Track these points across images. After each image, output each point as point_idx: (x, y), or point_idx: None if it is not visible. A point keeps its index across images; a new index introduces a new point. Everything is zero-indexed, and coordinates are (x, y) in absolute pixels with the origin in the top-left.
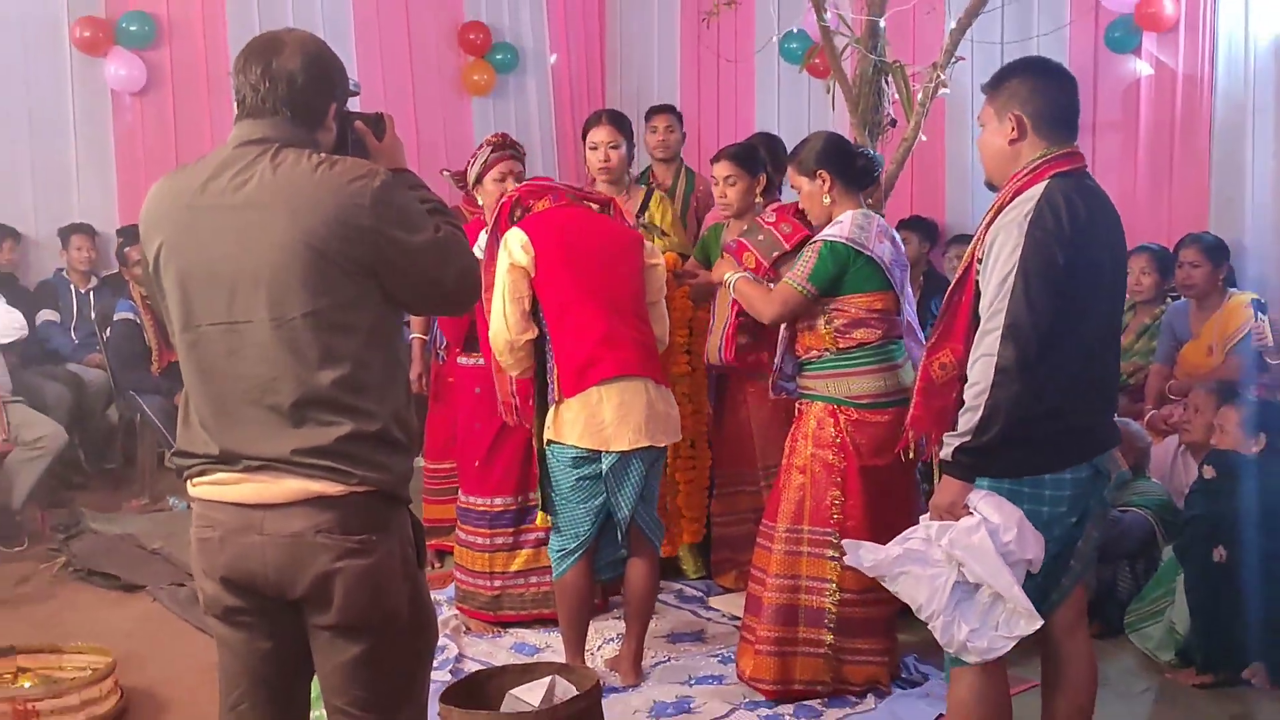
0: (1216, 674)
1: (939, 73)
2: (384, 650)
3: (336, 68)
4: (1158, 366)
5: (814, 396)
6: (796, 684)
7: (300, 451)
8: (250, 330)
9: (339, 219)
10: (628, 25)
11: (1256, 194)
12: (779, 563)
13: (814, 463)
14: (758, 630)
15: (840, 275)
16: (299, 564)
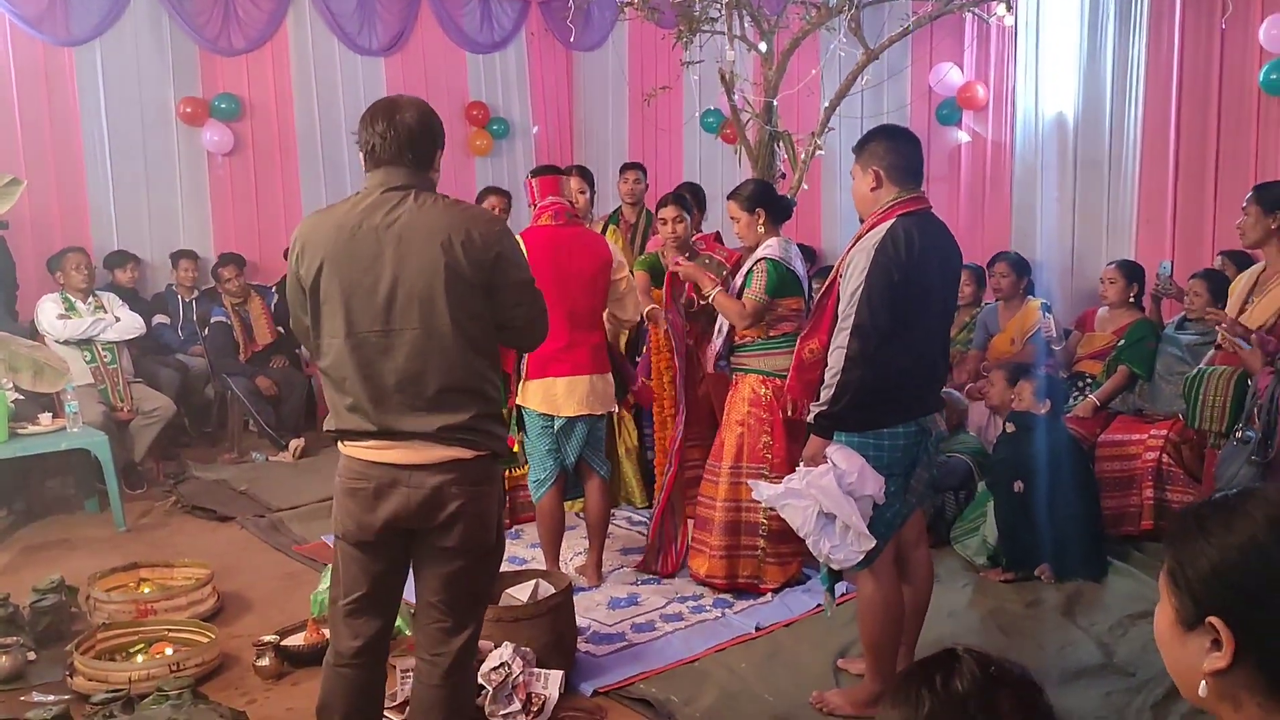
0: (1017, 572)
1: (816, 139)
2: (478, 565)
3: (439, 123)
4: (974, 352)
5: (749, 370)
6: (740, 578)
7: (445, 428)
8: (404, 335)
9: (472, 248)
10: (590, 103)
11: (1044, 227)
12: (725, 491)
13: (750, 417)
14: (710, 541)
15: (779, 284)
16: (438, 507)
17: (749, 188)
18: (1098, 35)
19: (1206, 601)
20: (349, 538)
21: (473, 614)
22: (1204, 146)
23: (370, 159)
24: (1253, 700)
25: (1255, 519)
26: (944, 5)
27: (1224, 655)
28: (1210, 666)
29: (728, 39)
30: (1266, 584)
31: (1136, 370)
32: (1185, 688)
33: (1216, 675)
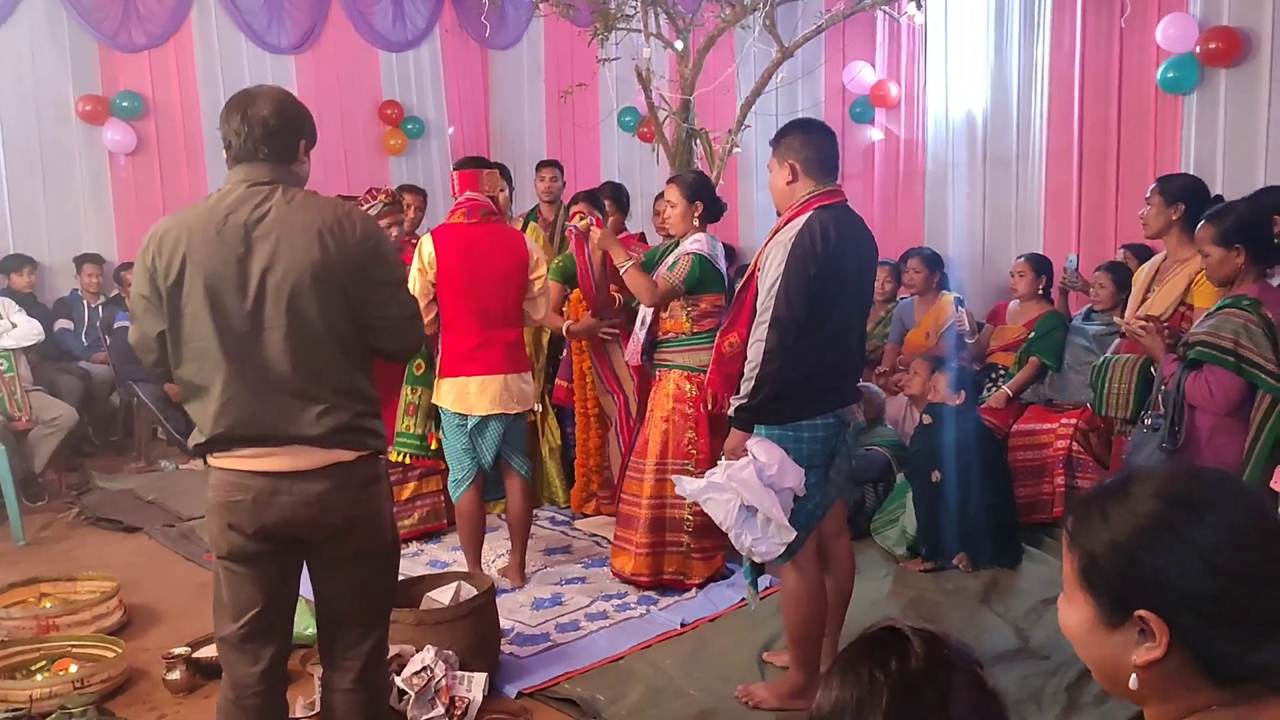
0: (935, 561)
1: (733, 137)
2: (379, 569)
3: (302, 111)
4: (891, 346)
5: (673, 366)
6: (666, 575)
7: (324, 430)
8: (274, 334)
9: (343, 245)
10: (506, 101)
11: (955, 223)
12: (650, 488)
13: (674, 414)
14: (635, 539)
15: (702, 279)
16: (326, 515)
17: (692, 176)
18: (1003, 35)
19: (1131, 596)
20: (234, 556)
21: (381, 617)
22: (1106, 143)
23: (230, 155)
24: (1183, 685)
25: (1156, 503)
26: (856, 3)
27: (1159, 645)
28: (1145, 659)
29: (644, 36)
30: (1188, 566)
31: (1046, 361)
32: (1112, 682)
33: (1148, 666)
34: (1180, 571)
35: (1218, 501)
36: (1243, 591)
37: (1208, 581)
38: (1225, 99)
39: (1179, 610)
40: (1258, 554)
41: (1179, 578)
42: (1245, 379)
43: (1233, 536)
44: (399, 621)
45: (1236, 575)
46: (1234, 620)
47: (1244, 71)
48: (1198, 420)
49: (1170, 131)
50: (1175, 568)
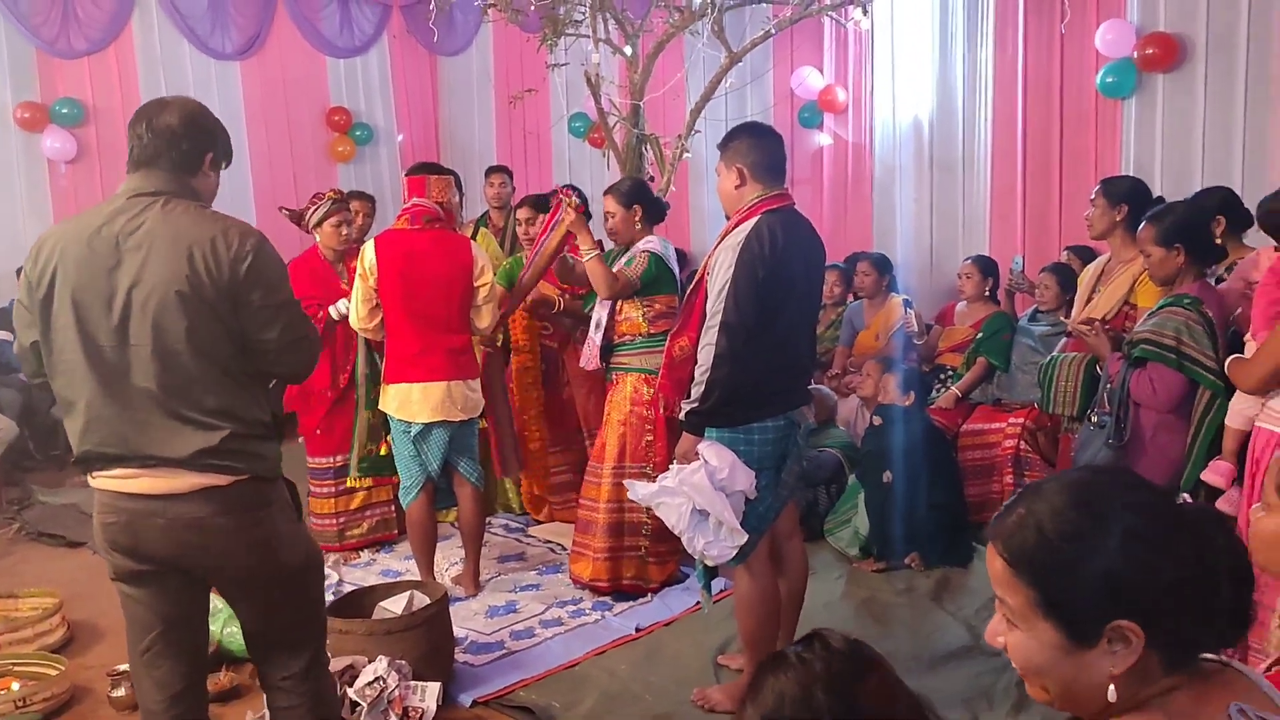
0: (888, 562)
1: (683, 142)
2: (287, 593)
3: (213, 124)
4: (841, 348)
5: (629, 369)
6: (625, 580)
7: (195, 453)
8: (141, 352)
9: (216, 262)
10: (455, 107)
11: (904, 226)
12: (608, 492)
13: (631, 417)
14: (593, 544)
15: (656, 278)
16: (206, 541)
17: (626, 184)
18: (948, 41)
19: (1104, 612)
20: (122, 578)
21: (308, 634)
22: (1048, 147)
23: (130, 161)
24: (1145, 681)
25: (1119, 509)
26: (803, 9)
27: (1136, 647)
28: (1122, 666)
29: (593, 42)
30: (1152, 564)
31: (994, 361)
32: (1082, 701)
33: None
34: (1149, 574)
35: (1153, 499)
36: (1201, 575)
37: (1174, 574)
38: (1162, 103)
39: (1150, 611)
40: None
41: (1146, 574)
42: (1186, 375)
43: (1175, 527)
44: (351, 632)
45: (1199, 561)
46: (1197, 606)
47: (1180, 76)
48: (1142, 418)
49: (1110, 135)
50: (1143, 572)
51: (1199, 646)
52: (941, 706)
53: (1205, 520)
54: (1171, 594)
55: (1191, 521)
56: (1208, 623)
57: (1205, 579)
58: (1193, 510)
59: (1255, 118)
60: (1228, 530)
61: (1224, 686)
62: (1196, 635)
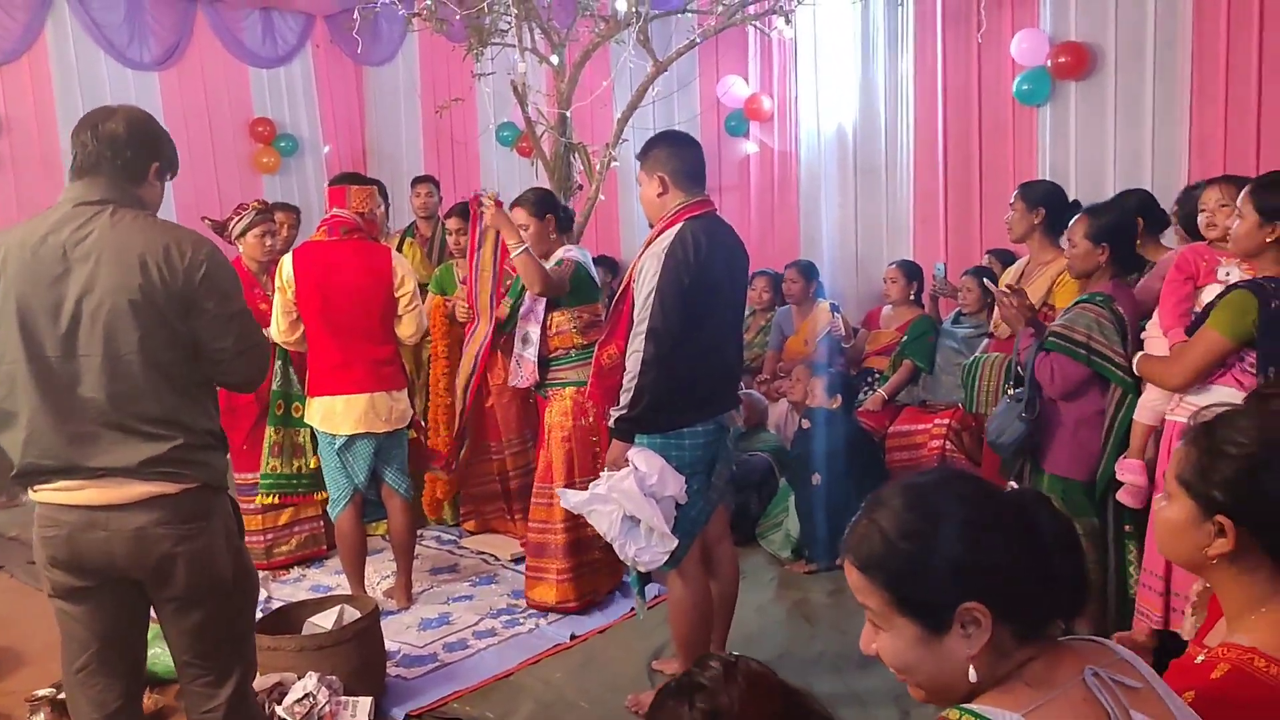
0: (819, 564)
1: (610, 150)
2: (220, 610)
3: (159, 133)
4: (771, 353)
5: (566, 383)
6: (587, 596)
7: (143, 462)
8: (90, 361)
9: (170, 271)
10: (382, 117)
11: (829, 232)
12: (562, 511)
13: (576, 431)
14: (554, 566)
15: (581, 285)
16: (148, 551)
17: (534, 194)
18: (869, 50)
19: (951, 598)
20: (60, 594)
21: (236, 658)
22: (968, 153)
23: (73, 168)
24: (1000, 655)
25: (948, 502)
26: (727, 18)
27: (986, 626)
28: (976, 646)
29: (519, 51)
30: (985, 546)
31: (919, 364)
32: (947, 689)
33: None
34: (984, 555)
35: (977, 490)
36: (1031, 549)
37: (1007, 552)
38: (1076, 110)
39: (992, 589)
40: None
41: (983, 561)
42: (1095, 370)
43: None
44: (279, 649)
45: (1028, 537)
46: (1033, 577)
47: (1092, 84)
48: (1062, 415)
49: (1027, 141)
50: (979, 554)
51: (1044, 616)
52: (872, 703)
53: (1027, 500)
54: (1008, 570)
55: (1014, 503)
56: (1047, 592)
57: (1036, 552)
58: (1014, 494)
59: (1163, 124)
60: (1048, 506)
61: (1079, 654)
62: (1039, 605)
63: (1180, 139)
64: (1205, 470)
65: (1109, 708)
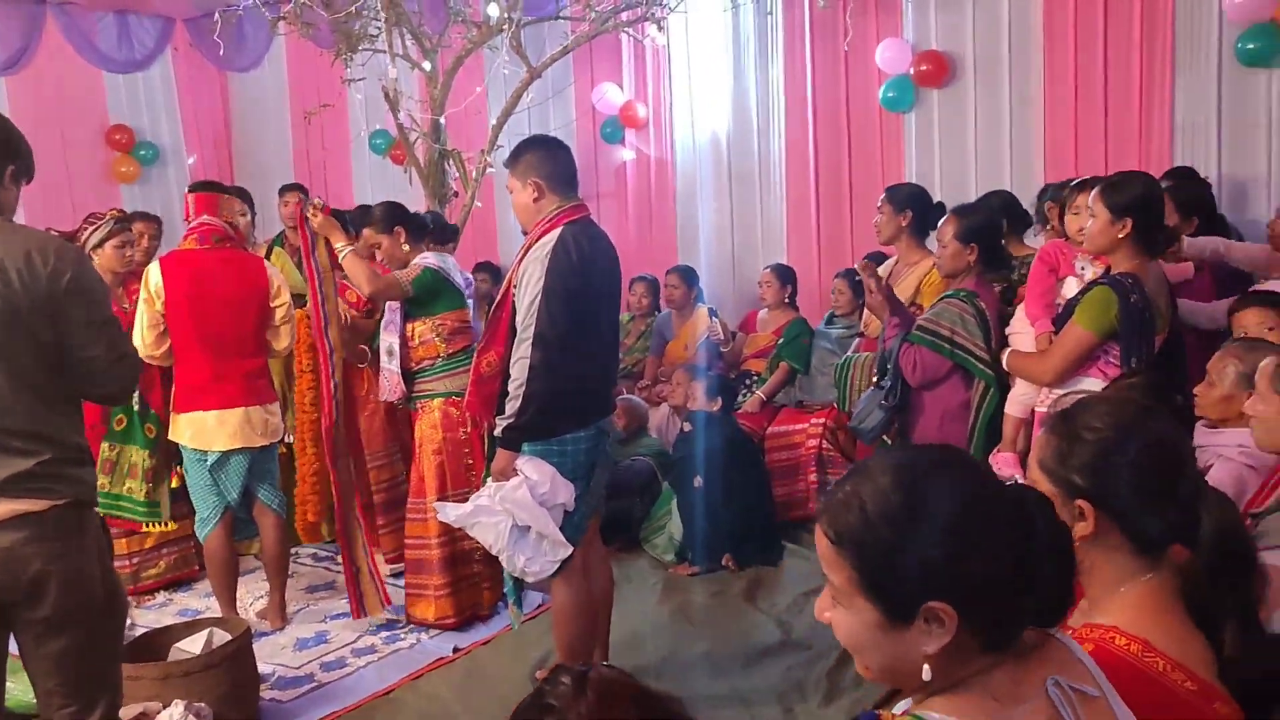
0: (703, 565)
1: (486, 157)
2: (90, 635)
3: (12, 134)
4: (652, 359)
5: (434, 395)
6: (467, 611)
7: (9, 478)
8: None
9: (32, 279)
10: (249, 124)
11: (707, 238)
12: (436, 526)
13: (446, 444)
14: (432, 582)
15: (435, 292)
16: (16, 572)
17: (380, 209)
18: (740, 58)
19: (919, 593)
20: None
21: (102, 686)
22: (838, 159)
23: None
24: (961, 661)
25: (940, 494)
26: (599, 25)
27: (949, 628)
28: (935, 645)
29: (389, 57)
30: (967, 554)
31: (795, 365)
32: (900, 678)
33: (935, 655)
34: (963, 563)
35: (975, 483)
36: (1018, 560)
37: (990, 566)
38: (938, 116)
39: (964, 596)
40: (1008, 525)
41: (966, 559)
42: (958, 364)
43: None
44: (143, 677)
45: (1018, 546)
46: (1012, 591)
47: (953, 92)
48: (927, 409)
49: (894, 147)
50: (958, 561)
51: (1016, 627)
52: (756, 702)
53: (1028, 500)
54: (986, 582)
55: (1013, 502)
56: (1025, 605)
57: (1021, 563)
58: (1015, 491)
59: (1019, 130)
60: (1049, 510)
61: (1043, 661)
62: (1013, 618)
63: (1035, 142)
64: (1065, 456)
65: (1067, 718)
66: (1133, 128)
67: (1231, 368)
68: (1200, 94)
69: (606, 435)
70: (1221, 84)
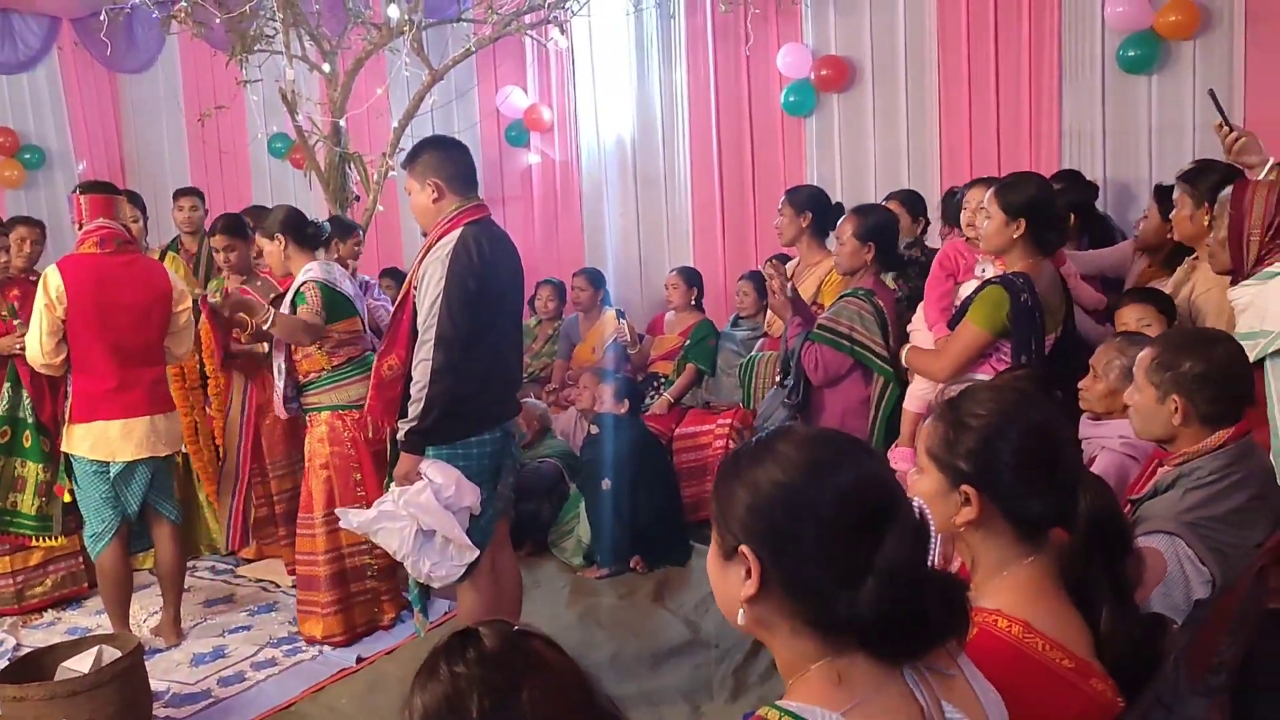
0: (611, 568)
1: (388, 159)
2: None
3: None
4: (559, 362)
5: (321, 408)
6: (359, 627)
7: None
8: None
9: None
10: (142, 127)
11: (613, 241)
12: (324, 542)
13: (334, 458)
14: (320, 600)
15: (332, 306)
16: None
17: (273, 214)
18: (644, 62)
19: (740, 534)
20: None
21: None
22: (742, 162)
23: None
24: (783, 625)
25: (778, 457)
26: (501, 28)
27: (753, 582)
28: (744, 594)
29: (286, 58)
30: (784, 515)
31: (701, 367)
32: (730, 616)
33: (750, 602)
34: (779, 517)
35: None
36: (827, 533)
37: (790, 519)
38: (839, 120)
39: (775, 552)
40: (849, 500)
41: (777, 521)
42: (857, 360)
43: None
44: (26, 698)
45: (819, 515)
46: (822, 561)
47: (852, 96)
48: (829, 406)
49: (796, 150)
50: (775, 513)
51: (830, 606)
52: (664, 702)
53: (885, 516)
54: (797, 556)
55: (862, 509)
56: (841, 580)
57: (848, 563)
58: (878, 504)
59: (916, 134)
60: (907, 538)
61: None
62: (833, 596)
63: (931, 145)
64: (950, 443)
65: (924, 703)
66: (1023, 132)
67: (1114, 361)
68: (1086, 100)
69: (512, 437)
70: (1105, 90)
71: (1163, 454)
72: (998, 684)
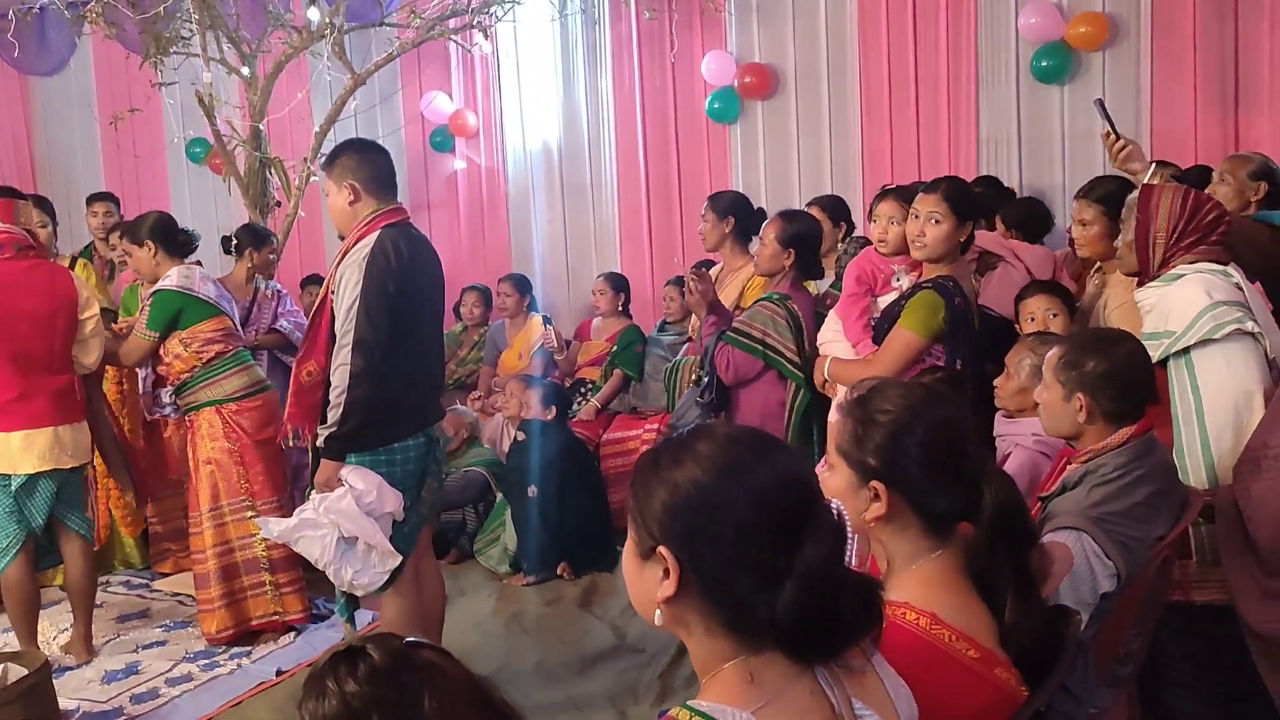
0: (538, 575)
1: (309, 164)
2: None
3: None
4: (486, 369)
5: (199, 405)
6: (255, 620)
7: None
8: None
9: None
10: (53, 131)
11: (540, 247)
12: (211, 537)
13: (215, 453)
14: (212, 595)
15: (177, 314)
16: None
17: (143, 220)
18: (570, 69)
19: (658, 533)
20: None
21: None
22: (667, 168)
23: None
24: (699, 624)
25: (698, 457)
26: (425, 32)
27: (671, 583)
28: (661, 595)
29: (203, 61)
30: (703, 517)
31: (629, 372)
32: (646, 615)
33: (668, 602)
34: (696, 518)
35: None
36: (745, 536)
37: (709, 521)
38: (763, 127)
39: (693, 553)
40: (768, 502)
41: (695, 522)
42: (769, 364)
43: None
44: None
45: (737, 518)
46: (740, 564)
47: (776, 103)
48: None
49: (721, 157)
50: (693, 514)
51: (747, 609)
52: (590, 707)
53: (808, 524)
54: (714, 558)
55: (780, 511)
56: (760, 583)
57: (764, 565)
58: (801, 510)
59: (839, 140)
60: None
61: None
62: (751, 600)
63: (854, 152)
64: (860, 439)
65: (834, 700)
66: (942, 139)
67: (1027, 360)
68: (1001, 108)
69: (437, 443)
70: (1020, 99)
71: (1071, 451)
72: (906, 675)
